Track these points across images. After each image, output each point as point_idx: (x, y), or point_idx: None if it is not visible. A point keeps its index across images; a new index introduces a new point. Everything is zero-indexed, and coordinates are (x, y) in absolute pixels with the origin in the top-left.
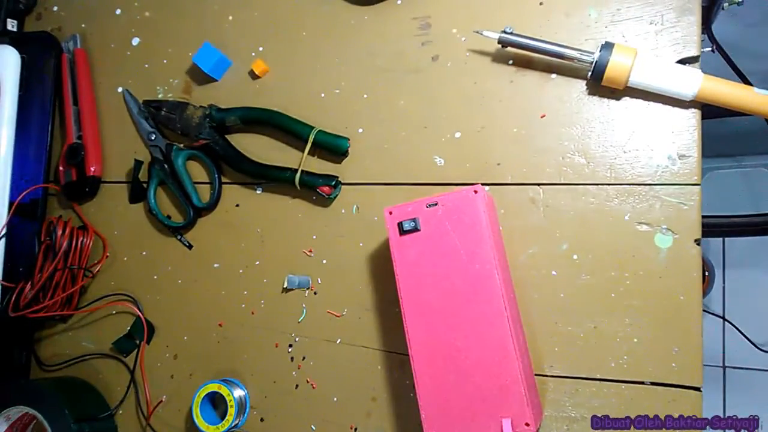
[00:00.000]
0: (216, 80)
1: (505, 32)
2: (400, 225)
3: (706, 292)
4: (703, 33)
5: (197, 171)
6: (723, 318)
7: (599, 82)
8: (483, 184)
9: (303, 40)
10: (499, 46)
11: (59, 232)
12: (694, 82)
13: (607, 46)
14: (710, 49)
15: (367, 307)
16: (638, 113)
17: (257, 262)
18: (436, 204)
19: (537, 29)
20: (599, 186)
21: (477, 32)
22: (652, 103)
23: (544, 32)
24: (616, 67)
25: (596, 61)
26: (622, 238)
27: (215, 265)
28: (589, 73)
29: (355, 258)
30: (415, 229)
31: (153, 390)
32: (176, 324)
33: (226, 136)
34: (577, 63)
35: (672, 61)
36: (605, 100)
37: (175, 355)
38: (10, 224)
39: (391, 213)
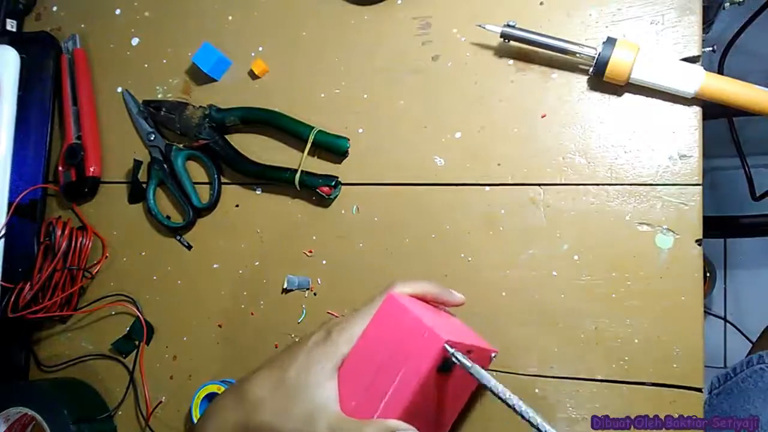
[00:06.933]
0: (216, 80)
1: (508, 25)
2: (444, 361)
3: (707, 293)
4: (704, 32)
5: (197, 171)
6: (724, 319)
7: (601, 78)
8: (483, 185)
9: (303, 40)
10: (500, 45)
11: (58, 233)
12: (695, 79)
13: (610, 42)
14: (711, 48)
15: None
16: (639, 113)
17: (257, 263)
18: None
19: (538, 29)
20: (600, 186)
21: (480, 26)
22: (653, 102)
23: (545, 32)
24: (619, 63)
25: (599, 56)
26: (622, 238)
27: (215, 266)
28: (591, 69)
29: (355, 258)
30: (449, 372)
31: (152, 391)
32: (175, 325)
33: (226, 137)
34: (579, 57)
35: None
36: (606, 100)
37: (175, 356)
38: (9, 225)
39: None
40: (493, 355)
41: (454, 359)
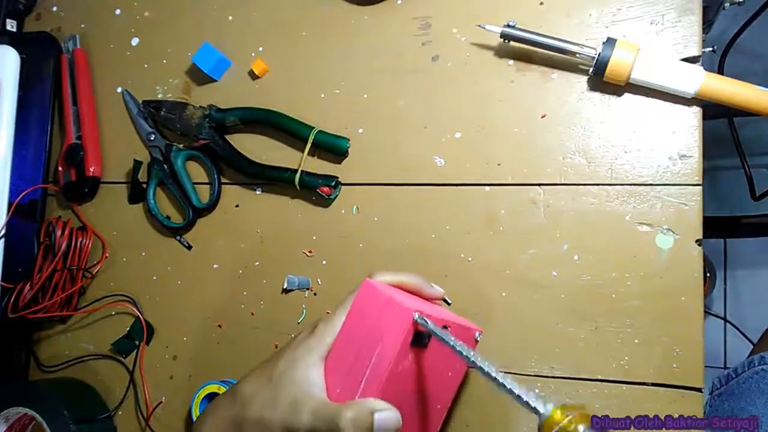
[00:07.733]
0: (215, 80)
1: (508, 26)
2: (418, 335)
3: (707, 293)
4: (704, 32)
5: (197, 171)
6: (724, 319)
7: (601, 78)
8: (483, 185)
9: (303, 40)
10: (500, 45)
11: (58, 233)
12: (695, 79)
13: (610, 42)
14: (711, 49)
15: None
16: (639, 113)
17: (257, 263)
18: (447, 327)
19: (537, 29)
20: (600, 186)
21: (480, 26)
22: (653, 102)
23: (545, 32)
24: (619, 63)
25: (599, 57)
26: (622, 238)
27: (215, 266)
28: (591, 69)
29: (355, 258)
30: (425, 345)
31: (152, 391)
32: (176, 325)
33: (226, 137)
34: (579, 57)
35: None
36: (606, 100)
37: (175, 356)
38: (9, 225)
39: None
40: (477, 334)
41: (421, 324)
